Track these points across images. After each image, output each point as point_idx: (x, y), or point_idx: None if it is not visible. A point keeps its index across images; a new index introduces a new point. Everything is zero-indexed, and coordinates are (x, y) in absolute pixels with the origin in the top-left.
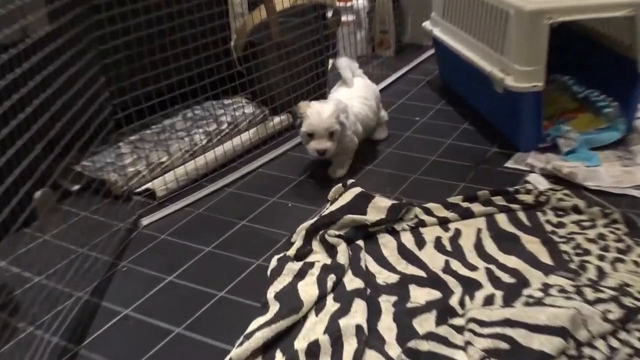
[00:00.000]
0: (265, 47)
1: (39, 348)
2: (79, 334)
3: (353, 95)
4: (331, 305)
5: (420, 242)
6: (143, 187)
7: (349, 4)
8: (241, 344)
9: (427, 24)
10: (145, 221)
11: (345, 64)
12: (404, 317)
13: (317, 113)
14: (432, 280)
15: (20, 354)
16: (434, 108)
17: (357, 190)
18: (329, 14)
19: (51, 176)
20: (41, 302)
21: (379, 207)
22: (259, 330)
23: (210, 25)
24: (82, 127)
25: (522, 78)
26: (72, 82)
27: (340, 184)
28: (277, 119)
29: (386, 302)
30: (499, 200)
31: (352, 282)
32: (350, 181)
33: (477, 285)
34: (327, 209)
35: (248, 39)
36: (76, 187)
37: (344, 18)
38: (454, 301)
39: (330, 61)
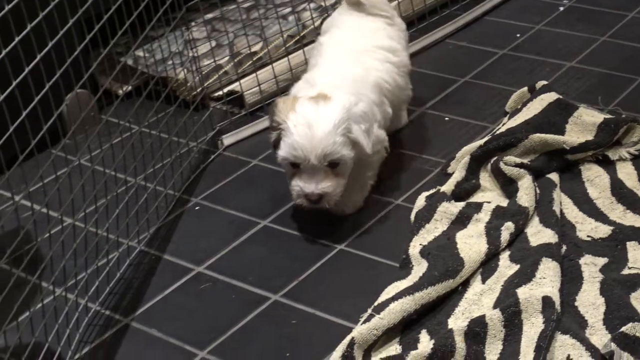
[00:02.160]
0: None
1: (72, 318)
2: (129, 301)
3: (365, 46)
4: (506, 267)
5: None
6: (225, 90)
7: None
8: (368, 319)
9: None
10: (228, 140)
11: None
12: (617, 289)
13: (306, 126)
14: None
15: (50, 322)
16: None
17: (552, 96)
18: None
19: (87, 71)
20: (73, 253)
21: (584, 123)
22: (397, 300)
23: None
24: None
25: None
26: None
27: (525, 88)
28: None
29: (590, 266)
30: None
31: (539, 234)
32: (541, 83)
33: None
34: (503, 124)
35: None
36: (126, 88)
37: None
38: None
39: None
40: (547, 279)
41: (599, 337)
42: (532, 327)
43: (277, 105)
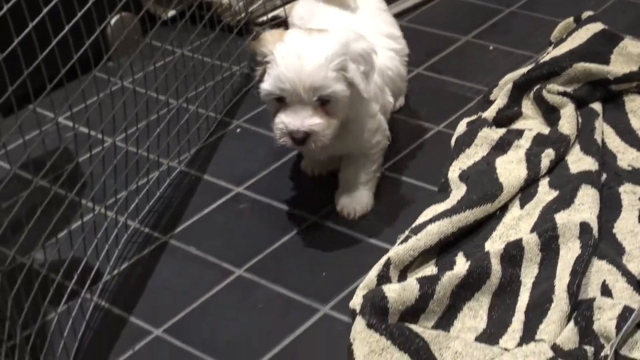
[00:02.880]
0: None
1: (110, 234)
2: (168, 219)
3: (365, 32)
4: (545, 193)
5: None
6: (270, 15)
7: None
8: (405, 240)
9: None
10: None
11: None
12: None
13: (295, 56)
14: None
15: (89, 238)
16: None
17: (598, 26)
18: None
19: None
20: (114, 171)
21: (629, 54)
22: (434, 222)
23: None
24: None
25: None
26: None
27: (571, 18)
28: None
29: (630, 195)
30: None
31: (579, 162)
32: (587, 13)
33: None
34: (547, 53)
35: None
36: (170, 13)
37: None
38: None
39: None
40: (586, 205)
41: (636, 264)
42: (569, 251)
43: (262, 37)
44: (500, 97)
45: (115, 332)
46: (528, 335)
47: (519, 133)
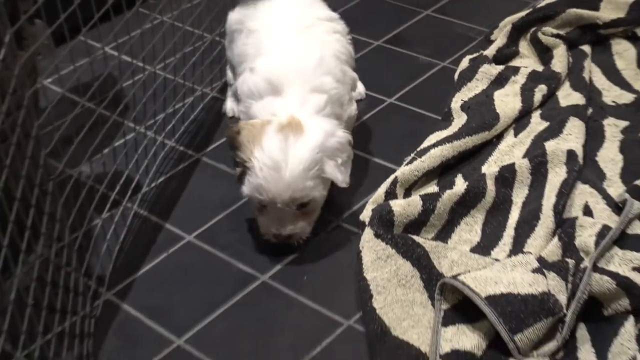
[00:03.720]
0: None
1: (149, 151)
2: (201, 139)
3: (306, 20)
4: (537, 123)
5: None
6: None
7: None
8: (411, 161)
9: None
10: None
11: None
12: (636, 148)
13: (273, 168)
14: None
15: (131, 154)
16: None
17: None
18: None
19: None
20: (153, 95)
21: (617, 2)
22: (437, 146)
23: None
24: None
25: None
26: None
27: None
28: None
29: (612, 127)
30: None
31: (569, 97)
32: None
33: None
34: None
35: None
36: None
37: None
38: None
39: None
40: (573, 135)
41: (615, 189)
42: (556, 175)
43: (240, 136)
44: (500, 38)
45: (152, 237)
46: (517, 248)
47: (516, 70)
